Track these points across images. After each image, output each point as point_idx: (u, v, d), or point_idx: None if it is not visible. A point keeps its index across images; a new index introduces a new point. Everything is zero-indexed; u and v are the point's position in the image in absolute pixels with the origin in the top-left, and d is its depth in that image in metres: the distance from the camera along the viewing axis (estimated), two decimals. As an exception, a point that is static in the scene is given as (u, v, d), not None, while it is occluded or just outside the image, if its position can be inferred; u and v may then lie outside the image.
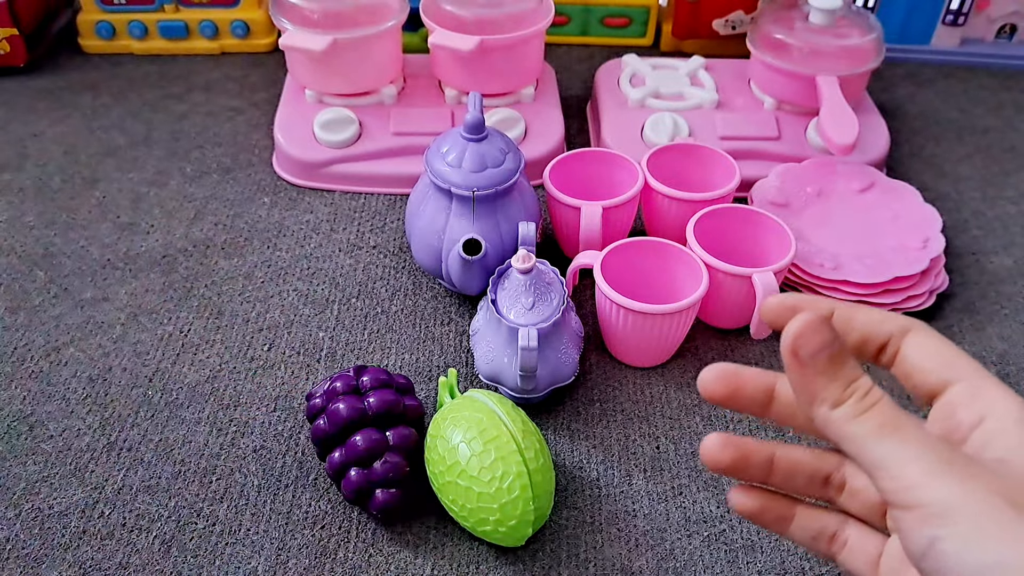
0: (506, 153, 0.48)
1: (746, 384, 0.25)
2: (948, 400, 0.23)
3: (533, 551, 0.39)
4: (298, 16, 0.58)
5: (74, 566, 0.38)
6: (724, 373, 0.25)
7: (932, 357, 0.23)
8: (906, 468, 0.20)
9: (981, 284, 0.54)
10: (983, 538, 0.19)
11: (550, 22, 0.60)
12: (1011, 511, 0.19)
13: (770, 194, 0.56)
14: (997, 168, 0.65)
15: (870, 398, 0.22)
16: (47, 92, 0.69)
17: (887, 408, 0.21)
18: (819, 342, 0.22)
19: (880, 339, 0.24)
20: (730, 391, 0.25)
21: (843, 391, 0.22)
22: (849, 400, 0.22)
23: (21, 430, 0.44)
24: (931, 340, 0.24)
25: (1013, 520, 0.19)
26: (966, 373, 0.23)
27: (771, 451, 0.26)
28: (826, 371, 0.22)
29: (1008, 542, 0.18)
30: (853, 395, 0.22)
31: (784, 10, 0.61)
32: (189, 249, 0.55)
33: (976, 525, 0.19)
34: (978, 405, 0.22)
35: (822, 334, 0.22)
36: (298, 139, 0.60)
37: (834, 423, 0.22)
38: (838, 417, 0.22)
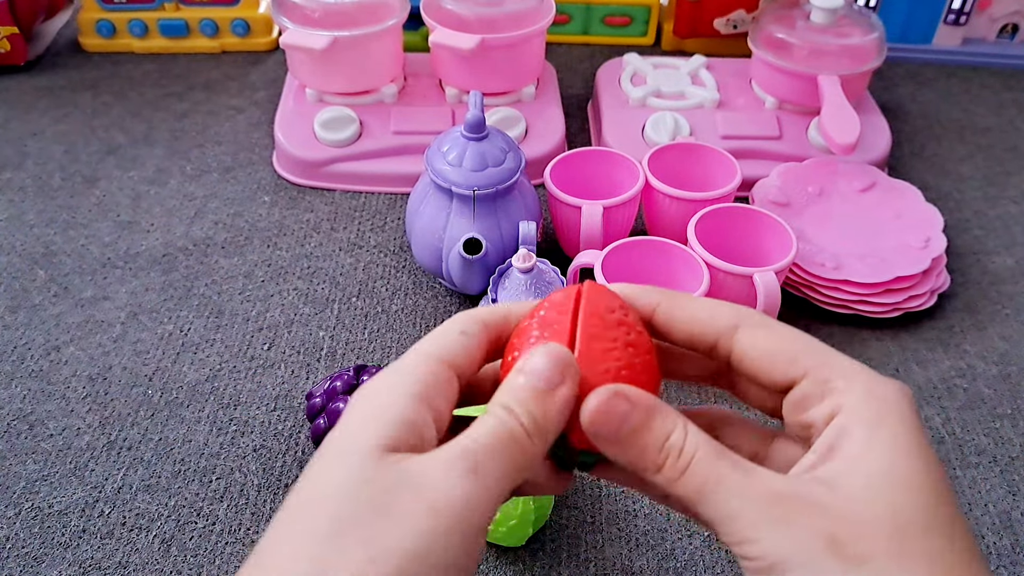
0: (507, 152, 0.48)
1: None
2: (797, 397, 0.22)
3: (533, 551, 0.39)
4: (299, 15, 0.57)
5: (74, 565, 0.38)
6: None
7: (769, 354, 0.22)
8: (736, 523, 0.19)
9: (982, 284, 0.54)
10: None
11: (551, 21, 0.60)
12: (832, 558, 0.18)
13: (771, 193, 0.55)
14: (999, 168, 0.64)
15: (684, 457, 0.20)
16: (47, 91, 0.69)
17: (703, 463, 0.20)
18: (614, 421, 0.21)
19: (708, 339, 0.23)
20: None
21: (658, 456, 0.21)
22: (667, 463, 0.21)
23: (21, 429, 0.44)
24: (761, 333, 0.22)
25: (835, 569, 0.18)
26: (810, 363, 0.21)
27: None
28: (633, 443, 0.21)
29: None
30: (668, 458, 0.21)
31: (786, 9, 0.61)
32: (189, 248, 0.55)
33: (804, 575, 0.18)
34: (828, 401, 0.21)
35: (615, 412, 0.21)
36: (298, 138, 0.60)
37: (662, 486, 0.21)
38: (664, 481, 0.21)
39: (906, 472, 0.19)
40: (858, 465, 0.20)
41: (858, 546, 0.18)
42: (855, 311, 0.50)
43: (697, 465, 0.20)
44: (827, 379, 0.21)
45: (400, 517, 0.18)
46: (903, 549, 0.18)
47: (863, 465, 0.19)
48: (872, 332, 0.50)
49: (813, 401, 0.21)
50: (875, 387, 0.21)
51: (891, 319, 0.50)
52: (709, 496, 0.20)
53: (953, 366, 0.49)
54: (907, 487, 0.19)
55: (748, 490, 0.20)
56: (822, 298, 0.50)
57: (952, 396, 0.47)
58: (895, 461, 0.19)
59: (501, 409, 0.21)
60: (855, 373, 0.21)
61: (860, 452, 0.20)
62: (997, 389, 0.48)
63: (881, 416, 0.20)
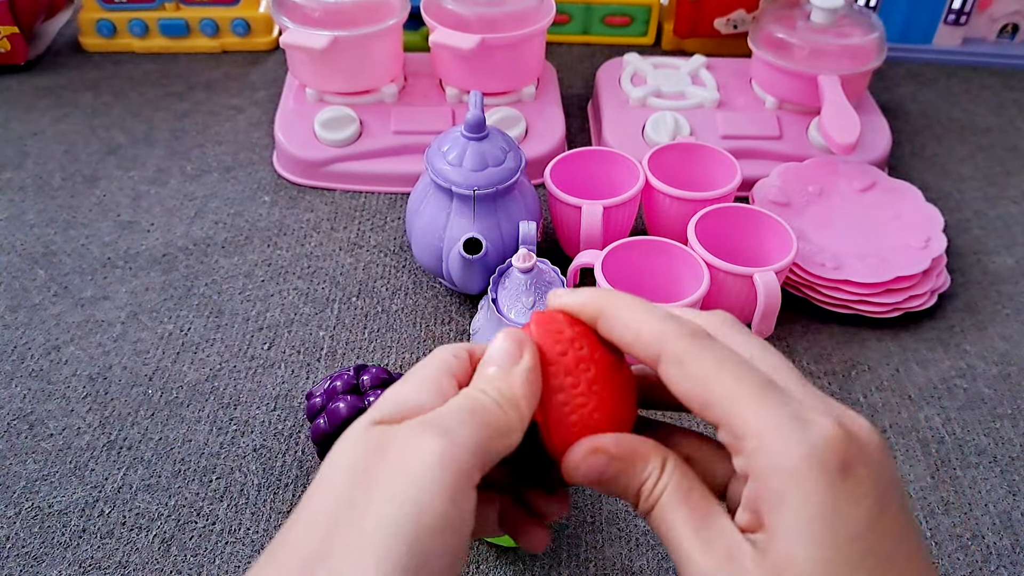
0: (507, 152, 0.48)
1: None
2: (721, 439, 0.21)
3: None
4: (299, 14, 0.57)
5: (74, 564, 0.38)
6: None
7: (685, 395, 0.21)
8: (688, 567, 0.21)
9: (983, 284, 0.54)
10: None
11: (551, 21, 0.60)
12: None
13: (771, 193, 0.55)
14: (999, 168, 0.64)
15: (651, 498, 0.22)
16: (48, 90, 0.69)
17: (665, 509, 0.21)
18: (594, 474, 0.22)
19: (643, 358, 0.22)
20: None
21: (635, 495, 0.22)
22: (639, 502, 0.22)
23: (21, 428, 0.44)
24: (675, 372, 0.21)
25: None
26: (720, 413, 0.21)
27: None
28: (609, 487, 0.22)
29: None
30: (639, 497, 0.22)
31: (786, 9, 0.61)
32: (189, 248, 0.55)
33: None
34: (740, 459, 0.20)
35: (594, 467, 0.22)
36: (299, 138, 0.60)
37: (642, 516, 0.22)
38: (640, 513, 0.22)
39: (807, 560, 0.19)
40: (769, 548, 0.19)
41: None
42: (855, 311, 0.50)
43: (658, 511, 0.22)
44: (738, 436, 0.20)
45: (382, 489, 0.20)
46: None
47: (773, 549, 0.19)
48: (872, 332, 0.50)
49: (733, 451, 0.21)
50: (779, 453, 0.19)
51: (891, 319, 0.50)
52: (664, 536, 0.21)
53: (953, 366, 0.49)
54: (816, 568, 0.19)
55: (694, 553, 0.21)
56: (822, 298, 0.50)
57: (952, 396, 0.47)
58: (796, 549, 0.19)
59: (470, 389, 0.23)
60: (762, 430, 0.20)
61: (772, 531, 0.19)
62: (997, 389, 0.48)
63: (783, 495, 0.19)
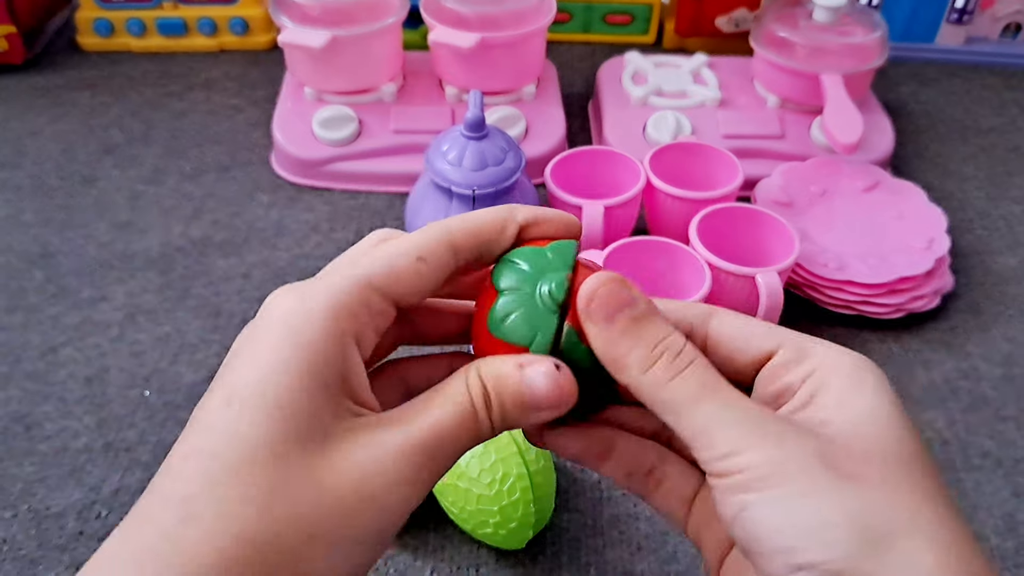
0: (507, 151, 0.48)
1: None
2: (773, 365, 0.21)
3: (534, 554, 0.39)
4: (297, 13, 0.57)
5: (71, 567, 0.38)
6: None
7: (744, 332, 0.22)
8: (723, 434, 0.19)
9: (986, 285, 0.54)
10: (801, 500, 0.18)
11: (552, 19, 0.59)
12: (829, 475, 0.18)
13: (773, 193, 0.55)
14: (1002, 167, 0.64)
15: (682, 359, 0.20)
16: (45, 90, 0.69)
17: (701, 370, 0.20)
18: (616, 302, 0.20)
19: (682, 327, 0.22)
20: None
21: (651, 352, 0.20)
22: (659, 363, 0.20)
23: (17, 430, 0.44)
24: (733, 317, 0.22)
25: (831, 482, 0.18)
26: (785, 337, 0.21)
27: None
28: (628, 331, 0.20)
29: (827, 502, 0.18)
30: (663, 356, 0.20)
31: (788, 8, 0.61)
32: (187, 248, 0.55)
33: (790, 490, 0.18)
34: (806, 364, 0.21)
35: (619, 294, 0.20)
36: (297, 137, 0.59)
37: (646, 389, 0.20)
38: (650, 383, 0.20)
39: (885, 413, 0.20)
40: (840, 408, 0.20)
41: (852, 466, 0.18)
42: (858, 312, 0.49)
43: (693, 370, 0.20)
44: (803, 346, 0.21)
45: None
46: (889, 475, 0.19)
47: (845, 408, 0.20)
48: (875, 333, 0.50)
49: (790, 367, 0.21)
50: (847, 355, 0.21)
51: (894, 320, 0.50)
52: (707, 401, 0.19)
53: (957, 368, 0.48)
54: (887, 425, 0.20)
55: (743, 402, 0.20)
56: (825, 299, 0.50)
57: (956, 398, 0.47)
58: (874, 404, 0.20)
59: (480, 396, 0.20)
60: (827, 346, 0.21)
61: (840, 398, 0.20)
62: (1001, 391, 0.47)
63: (859, 371, 0.20)
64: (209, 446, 0.19)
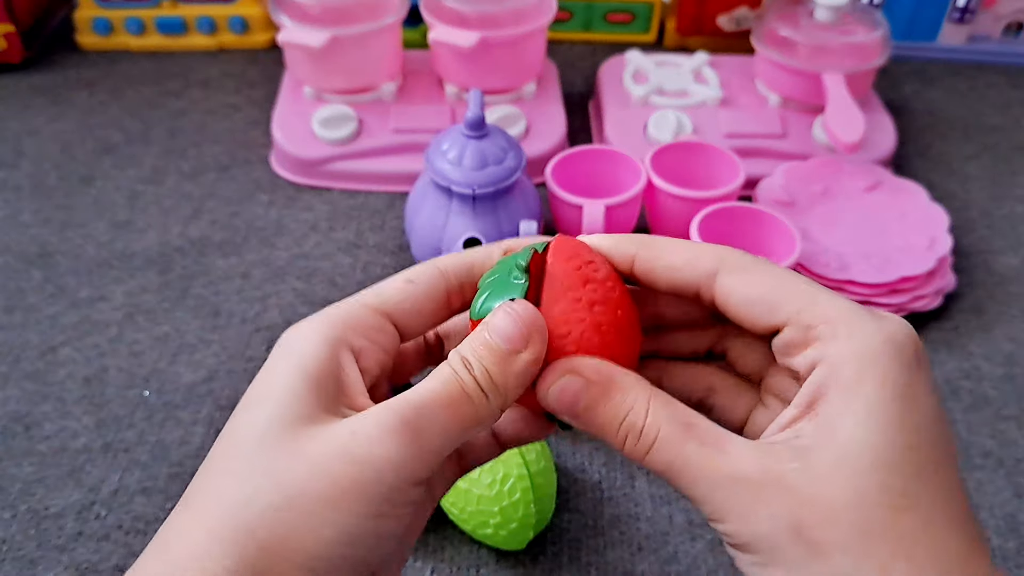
0: (507, 151, 0.47)
1: None
2: (781, 344, 0.21)
3: (534, 555, 0.39)
4: (297, 12, 0.57)
5: (70, 568, 0.38)
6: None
7: (749, 301, 0.21)
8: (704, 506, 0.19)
9: (988, 284, 0.54)
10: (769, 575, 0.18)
11: (552, 18, 0.59)
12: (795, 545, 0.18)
13: (775, 192, 0.55)
14: (1005, 167, 0.64)
15: (645, 437, 0.20)
16: (43, 89, 0.69)
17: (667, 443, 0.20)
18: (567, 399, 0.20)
19: (690, 288, 0.22)
20: None
21: (616, 433, 0.20)
22: (626, 442, 0.20)
23: (16, 431, 0.43)
24: (740, 279, 0.21)
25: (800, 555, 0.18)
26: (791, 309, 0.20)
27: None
28: (591, 420, 0.20)
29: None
30: (628, 436, 0.20)
31: (789, 6, 0.61)
32: (186, 248, 0.55)
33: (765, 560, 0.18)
34: (811, 350, 0.20)
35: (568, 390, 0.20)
36: (296, 136, 0.59)
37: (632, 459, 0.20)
38: (631, 455, 0.20)
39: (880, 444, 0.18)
40: (832, 434, 0.19)
41: (822, 532, 0.18)
42: (860, 312, 0.49)
43: (661, 444, 0.20)
44: (809, 325, 0.20)
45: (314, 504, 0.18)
46: (866, 533, 0.18)
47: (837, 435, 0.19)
48: (877, 333, 0.50)
49: (797, 348, 0.20)
50: (857, 336, 0.19)
51: (896, 320, 0.50)
52: (676, 477, 0.20)
53: (958, 367, 0.48)
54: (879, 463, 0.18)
55: (714, 473, 0.19)
56: (826, 298, 0.49)
57: (957, 398, 0.47)
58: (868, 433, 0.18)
59: (459, 361, 0.20)
60: (839, 317, 0.20)
61: (835, 417, 0.19)
62: (1003, 391, 0.47)
63: (860, 375, 0.19)
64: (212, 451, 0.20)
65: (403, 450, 0.19)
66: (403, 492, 0.19)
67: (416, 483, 0.19)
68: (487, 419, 0.20)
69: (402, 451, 0.19)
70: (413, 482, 0.19)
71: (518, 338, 0.20)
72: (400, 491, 0.19)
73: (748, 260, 0.22)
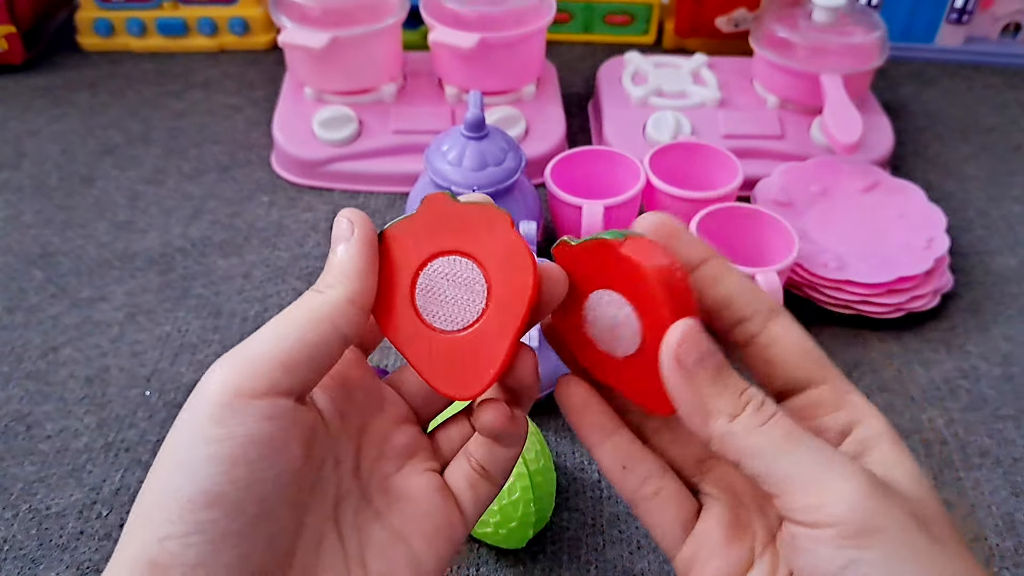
0: (507, 151, 0.48)
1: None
2: (811, 401, 0.21)
3: (534, 553, 0.39)
4: (297, 13, 0.57)
5: (71, 567, 0.38)
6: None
7: (799, 351, 0.22)
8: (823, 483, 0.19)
9: (986, 284, 0.54)
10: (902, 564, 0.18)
11: (552, 19, 0.59)
12: (924, 536, 0.19)
13: (773, 193, 0.55)
14: (1002, 167, 0.64)
15: (768, 407, 0.20)
16: (45, 90, 0.69)
17: (787, 419, 0.20)
18: (702, 350, 0.20)
19: (742, 312, 0.22)
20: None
21: (737, 400, 0.20)
22: (747, 410, 0.20)
23: (18, 430, 0.44)
24: (797, 330, 0.22)
25: (927, 544, 0.18)
26: (832, 375, 0.22)
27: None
28: (716, 381, 0.20)
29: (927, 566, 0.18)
30: (749, 404, 0.20)
31: (788, 8, 0.61)
32: (187, 248, 0.55)
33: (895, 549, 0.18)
34: (846, 412, 0.21)
35: (704, 342, 0.20)
36: (297, 137, 0.59)
37: (735, 437, 0.20)
38: (739, 430, 0.20)
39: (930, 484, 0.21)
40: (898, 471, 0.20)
41: (936, 528, 0.19)
42: (858, 312, 0.49)
43: (780, 418, 0.20)
44: (844, 391, 0.22)
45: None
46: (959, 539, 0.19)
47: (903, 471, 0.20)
48: (875, 333, 0.50)
49: (827, 409, 0.21)
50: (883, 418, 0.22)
51: (894, 320, 0.50)
52: (789, 452, 0.19)
53: (956, 367, 0.48)
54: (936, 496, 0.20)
55: (830, 450, 0.19)
56: (824, 299, 0.50)
57: (955, 397, 0.47)
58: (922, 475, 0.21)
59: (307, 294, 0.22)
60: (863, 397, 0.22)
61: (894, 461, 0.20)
62: (1000, 390, 0.47)
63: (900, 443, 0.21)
64: None
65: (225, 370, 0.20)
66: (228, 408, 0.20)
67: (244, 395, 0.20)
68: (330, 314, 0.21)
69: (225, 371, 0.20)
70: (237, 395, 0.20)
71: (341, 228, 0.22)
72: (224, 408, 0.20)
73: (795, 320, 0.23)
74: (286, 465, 0.20)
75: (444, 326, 0.22)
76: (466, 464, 0.24)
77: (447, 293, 0.22)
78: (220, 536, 0.19)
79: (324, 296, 0.21)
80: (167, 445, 0.20)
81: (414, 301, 0.22)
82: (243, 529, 0.19)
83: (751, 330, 0.22)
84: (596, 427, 0.24)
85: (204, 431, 0.19)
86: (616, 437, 0.24)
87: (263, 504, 0.19)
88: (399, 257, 0.23)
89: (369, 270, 0.22)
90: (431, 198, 0.23)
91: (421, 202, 0.23)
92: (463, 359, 0.22)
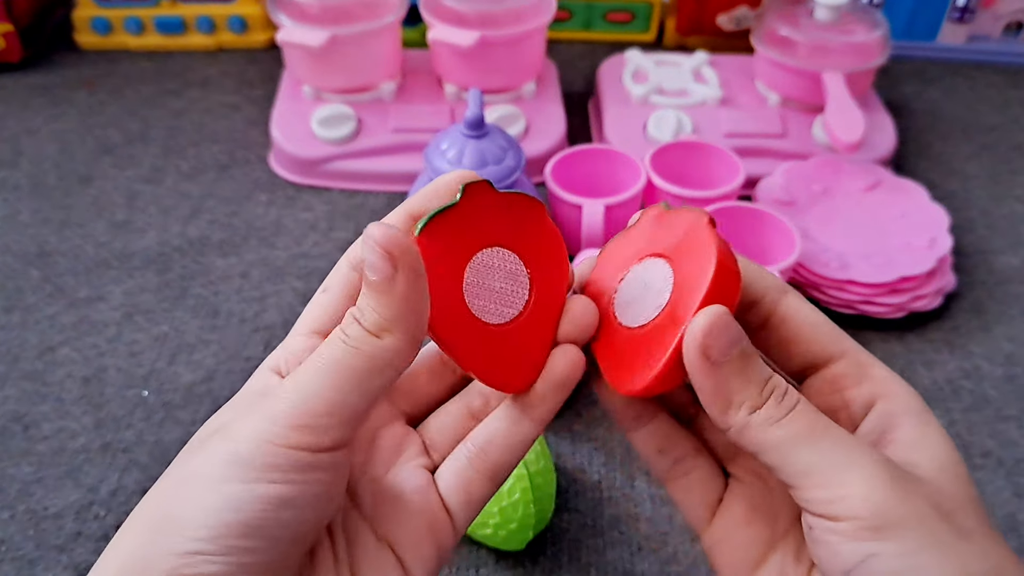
0: (507, 150, 0.47)
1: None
2: (832, 375, 0.21)
3: (534, 555, 0.39)
4: (296, 11, 0.57)
5: (69, 568, 0.38)
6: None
7: (814, 326, 0.21)
8: (841, 476, 0.18)
9: (989, 284, 0.54)
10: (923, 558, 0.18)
11: (552, 17, 0.59)
12: (947, 528, 0.18)
13: (775, 192, 0.55)
14: (1004, 166, 0.64)
15: (789, 399, 0.19)
16: (42, 88, 0.69)
17: (809, 411, 0.19)
18: (730, 338, 0.19)
19: (753, 294, 0.22)
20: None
21: (760, 392, 0.19)
22: (768, 402, 0.19)
23: (15, 431, 0.43)
24: (808, 307, 0.22)
25: (950, 536, 0.18)
26: (849, 347, 0.21)
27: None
28: (740, 371, 0.19)
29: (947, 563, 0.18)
30: (771, 396, 0.19)
31: (789, 6, 0.61)
32: (185, 247, 0.54)
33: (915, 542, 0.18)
34: (868, 386, 0.21)
35: (732, 329, 0.19)
36: (296, 135, 0.59)
37: (754, 429, 0.19)
38: (759, 422, 0.19)
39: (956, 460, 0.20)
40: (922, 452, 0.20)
41: (960, 519, 0.19)
42: (860, 311, 0.49)
43: (803, 408, 0.19)
44: (864, 363, 0.21)
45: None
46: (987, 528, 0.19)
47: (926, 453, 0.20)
48: (877, 333, 0.50)
49: (849, 382, 0.21)
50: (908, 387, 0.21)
51: (896, 320, 0.50)
52: (819, 441, 0.19)
53: (959, 367, 0.48)
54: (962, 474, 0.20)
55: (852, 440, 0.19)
56: (827, 298, 0.49)
57: (958, 398, 0.47)
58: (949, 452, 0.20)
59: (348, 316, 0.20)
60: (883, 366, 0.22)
61: (919, 441, 0.20)
62: (1003, 391, 0.47)
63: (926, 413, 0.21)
64: None
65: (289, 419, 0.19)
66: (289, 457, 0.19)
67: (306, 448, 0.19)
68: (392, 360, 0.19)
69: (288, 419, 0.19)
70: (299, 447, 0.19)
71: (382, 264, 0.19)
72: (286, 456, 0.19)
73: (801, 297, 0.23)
74: (330, 510, 0.20)
75: (491, 319, 0.22)
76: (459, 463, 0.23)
77: (494, 286, 0.22)
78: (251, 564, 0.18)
79: (383, 344, 0.19)
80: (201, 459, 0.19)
81: (463, 296, 0.22)
82: (273, 561, 0.19)
83: (763, 312, 0.22)
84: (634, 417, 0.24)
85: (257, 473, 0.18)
86: (655, 422, 0.24)
87: (298, 544, 0.19)
88: (445, 253, 0.21)
89: (425, 306, 0.20)
90: (472, 188, 0.21)
91: (463, 190, 0.21)
92: (512, 351, 0.21)
